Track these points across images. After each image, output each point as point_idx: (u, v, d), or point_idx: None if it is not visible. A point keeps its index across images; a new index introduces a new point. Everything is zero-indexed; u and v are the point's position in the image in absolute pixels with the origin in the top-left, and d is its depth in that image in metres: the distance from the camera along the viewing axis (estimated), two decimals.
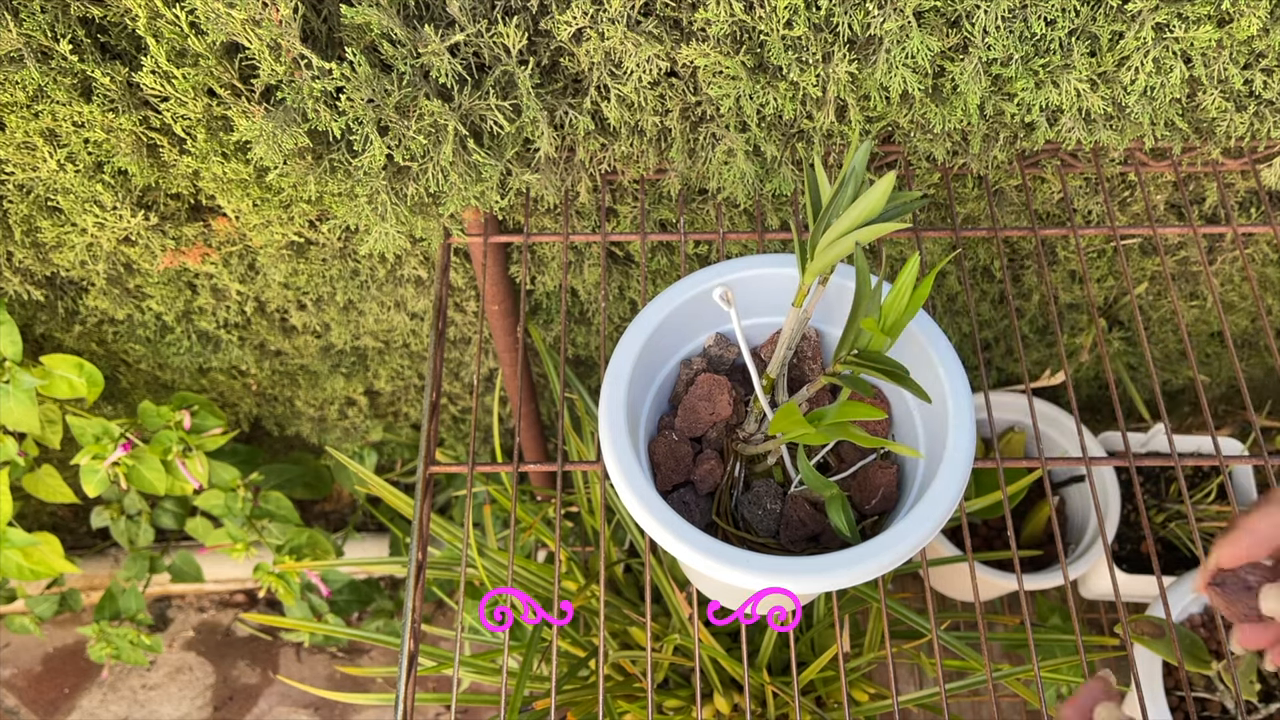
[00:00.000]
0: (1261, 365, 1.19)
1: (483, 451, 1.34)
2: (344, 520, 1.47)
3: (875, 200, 0.44)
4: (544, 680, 0.86)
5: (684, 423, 0.57)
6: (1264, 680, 0.90)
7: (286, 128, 0.61)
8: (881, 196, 0.44)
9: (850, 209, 0.46)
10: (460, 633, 0.65)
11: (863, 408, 0.46)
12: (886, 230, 0.45)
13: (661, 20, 0.60)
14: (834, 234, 0.46)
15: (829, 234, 0.47)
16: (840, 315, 0.59)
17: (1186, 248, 0.95)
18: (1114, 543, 1.13)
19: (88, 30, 0.61)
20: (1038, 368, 1.16)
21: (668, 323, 0.57)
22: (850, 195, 0.47)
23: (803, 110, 0.67)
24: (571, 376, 0.90)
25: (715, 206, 0.80)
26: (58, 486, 0.97)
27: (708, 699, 0.86)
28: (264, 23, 0.56)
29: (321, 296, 0.96)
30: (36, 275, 0.87)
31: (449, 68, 0.60)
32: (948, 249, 0.92)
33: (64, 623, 1.43)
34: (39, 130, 0.67)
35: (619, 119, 0.66)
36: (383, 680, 1.34)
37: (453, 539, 0.92)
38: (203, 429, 0.99)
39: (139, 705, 1.37)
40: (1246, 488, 1.15)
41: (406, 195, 0.68)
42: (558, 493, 0.63)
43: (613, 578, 0.95)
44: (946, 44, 0.62)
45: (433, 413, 0.67)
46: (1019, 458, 0.91)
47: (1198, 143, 0.73)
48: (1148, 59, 0.62)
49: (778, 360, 0.53)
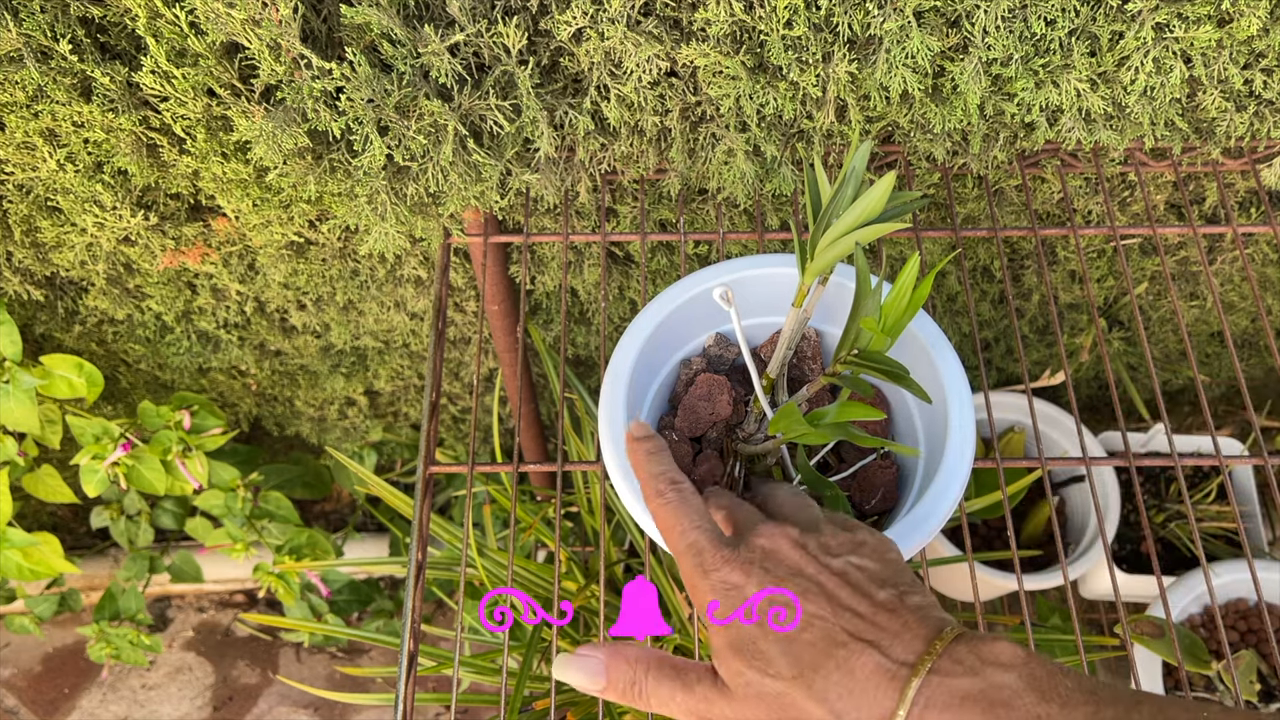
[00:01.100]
0: (1261, 365, 1.19)
1: (483, 451, 1.34)
2: (344, 520, 1.47)
3: (875, 200, 0.44)
4: (544, 680, 0.86)
5: (684, 422, 0.57)
6: (1264, 680, 0.90)
7: (286, 128, 0.61)
8: (882, 197, 0.44)
9: (850, 209, 0.46)
10: (460, 633, 0.65)
11: (862, 408, 0.46)
12: (886, 230, 0.45)
13: (661, 20, 0.60)
14: (834, 234, 0.46)
15: (829, 234, 0.47)
16: (840, 315, 0.59)
17: (1186, 248, 0.95)
18: (1114, 543, 1.13)
19: (87, 30, 0.61)
20: (1038, 368, 1.16)
21: (668, 323, 0.57)
22: (850, 195, 0.47)
23: (803, 110, 0.67)
24: (571, 376, 0.90)
25: (715, 206, 0.80)
26: (57, 486, 0.97)
27: None
28: (264, 23, 0.56)
29: (321, 296, 0.96)
30: (36, 275, 0.87)
31: (449, 68, 0.60)
32: (948, 249, 0.92)
33: (64, 623, 1.43)
34: (39, 130, 0.67)
35: (619, 119, 0.66)
36: (383, 680, 1.34)
37: (452, 539, 0.92)
38: (202, 429, 0.99)
39: (139, 705, 1.37)
40: (1246, 488, 1.15)
41: (406, 195, 0.68)
42: (558, 493, 0.63)
43: (613, 578, 0.95)
44: (946, 44, 0.62)
45: (433, 413, 0.67)
46: (1019, 458, 0.91)
47: (1198, 143, 0.73)
48: (1148, 59, 0.62)
49: (778, 361, 0.53)
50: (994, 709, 0.35)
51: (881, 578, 0.41)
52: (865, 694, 0.37)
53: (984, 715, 0.35)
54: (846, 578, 0.41)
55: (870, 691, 0.37)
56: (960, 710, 0.35)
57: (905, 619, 0.39)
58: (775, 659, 0.39)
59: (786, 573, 0.42)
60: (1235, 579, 0.98)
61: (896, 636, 0.38)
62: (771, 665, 0.39)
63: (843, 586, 0.41)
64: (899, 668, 0.37)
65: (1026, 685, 0.35)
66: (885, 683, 0.37)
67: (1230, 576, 0.98)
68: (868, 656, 0.38)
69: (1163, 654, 0.79)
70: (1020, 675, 0.36)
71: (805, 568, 0.42)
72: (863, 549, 0.43)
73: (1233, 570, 0.98)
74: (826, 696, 0.38)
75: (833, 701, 0.38)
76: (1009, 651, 0.37)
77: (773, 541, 0.43)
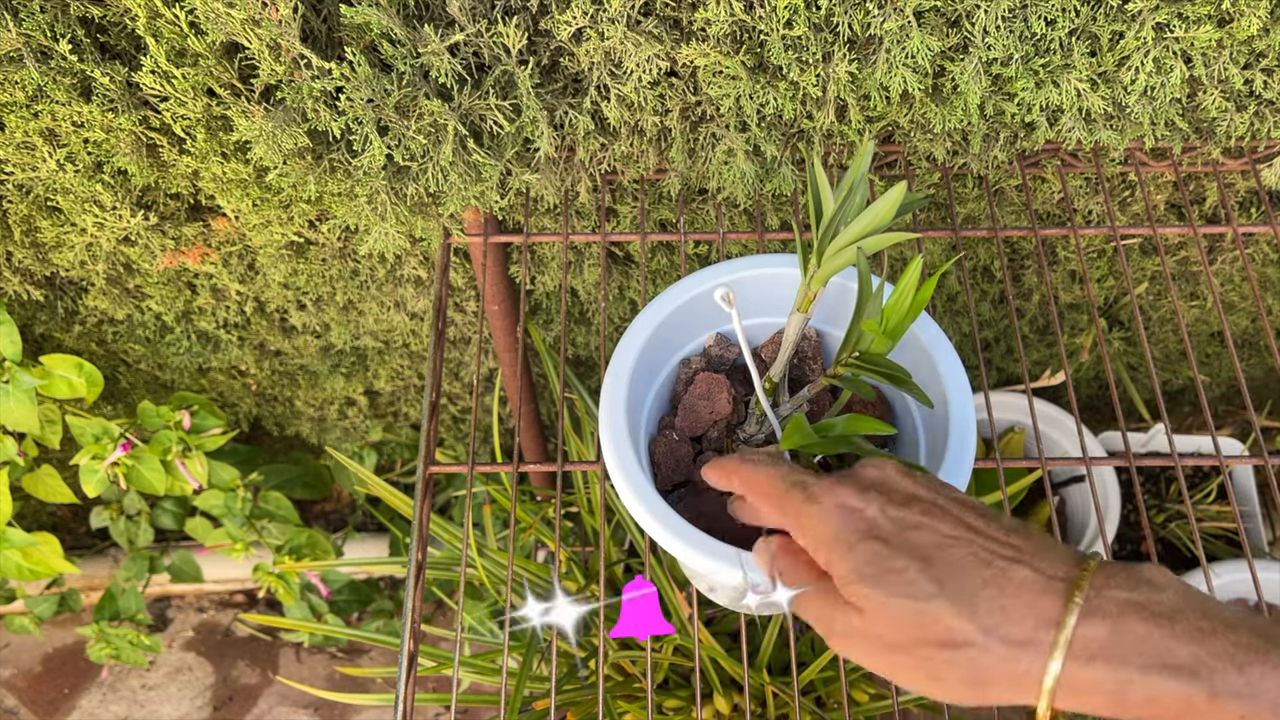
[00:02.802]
0: (1261, 365, 1.19)
1: (483, 451, 1.34)
2: (344, 520, 1.47)
3: (884, 211, 0.44)
4: (544, 680, 0.86)
5: (684, 422, 0.57)
6: None
7: (286, 128, 0.61)
8: (891, 207, 0.44)
9: (858, 219, 0.46)
10: (460, 633, 0.65)
11: (870, 422, 0.46)
12: (894, 240, 0.45)
13: (661, 20, 0.60)
14: (841, 242, 0.46)
15: (836, 242, 0.47)
16: (841, 315, 0.59)
17: (1186, 248, 0.95)
18: (1114, 543, 1.13)
19: (87, 30, 0.61)
20: (1038, 368, 1.16)
21: (668, 323, 0.57)
22: (858, 204, 0.47)
23: (803, 110, 0.67)
24: (571, 376, 0.90)
25: (715, 206, 0.80)
26: (57, 486, 0.97)
27: (708, 699, 0.86)
28: (264, 22, 0.56)
29: (321, 296, 0.96)
30: (36, 275, 0.87)
31: (449, 67, 0.60)
32: (948, 249, 0.92)
33: (64, 623, 1.43)
34: (39, 130, 0.67)
35: (619, 119, 0.66)
36: (382, 680, 1.34)
37: (452, 539, 0.92)
38: (202, 429, 0.99)
39: (139, 705, 1.37)
40: (1246, 488, 1.15)
41: (406, 195, 0.68)
42: (558, 493, 0.63)
43: (613, 578, 0.95)
44: (946, 44, 0.62)
45: (432, 413, 0.67)
46: (1019, 458, 0.91)
47: (1198, 143, 0.73)
48: (1148, 59, 0.62)
49: (780, 364, 0.53)
50: (1156, 619, 0.35)
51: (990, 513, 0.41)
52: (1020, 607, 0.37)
53: (1145, 623, 0.35)
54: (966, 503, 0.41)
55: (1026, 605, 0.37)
56: (1120, 619, 0.35)
57: (1039, 543, 0.39)
58: (915, 578, 0.38)
59: (904, 497, 0.41)
60: (1235, 579, 0.98)
61: (1043, 554, 0.38)
62: (911, 584, 0.38)
63: (967, 510, 0.40)
64: (1054, 582, 0.37)
65: (1187, 602, 0.36)
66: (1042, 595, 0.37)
67: (1230, 576, 0.98)
68: (1018, 571, 0.37)
69: None
70: (1179, 593, 0.36)
71: (921, 493, 0.41)
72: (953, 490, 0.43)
73: (1233, 570, 0.98)
74: (976, 611, 0.37)
75: (983, 616, 0.37)
76: (1162, 574, 0.37)
77: (881, 470, 0.42)
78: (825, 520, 0.41)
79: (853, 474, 0.43)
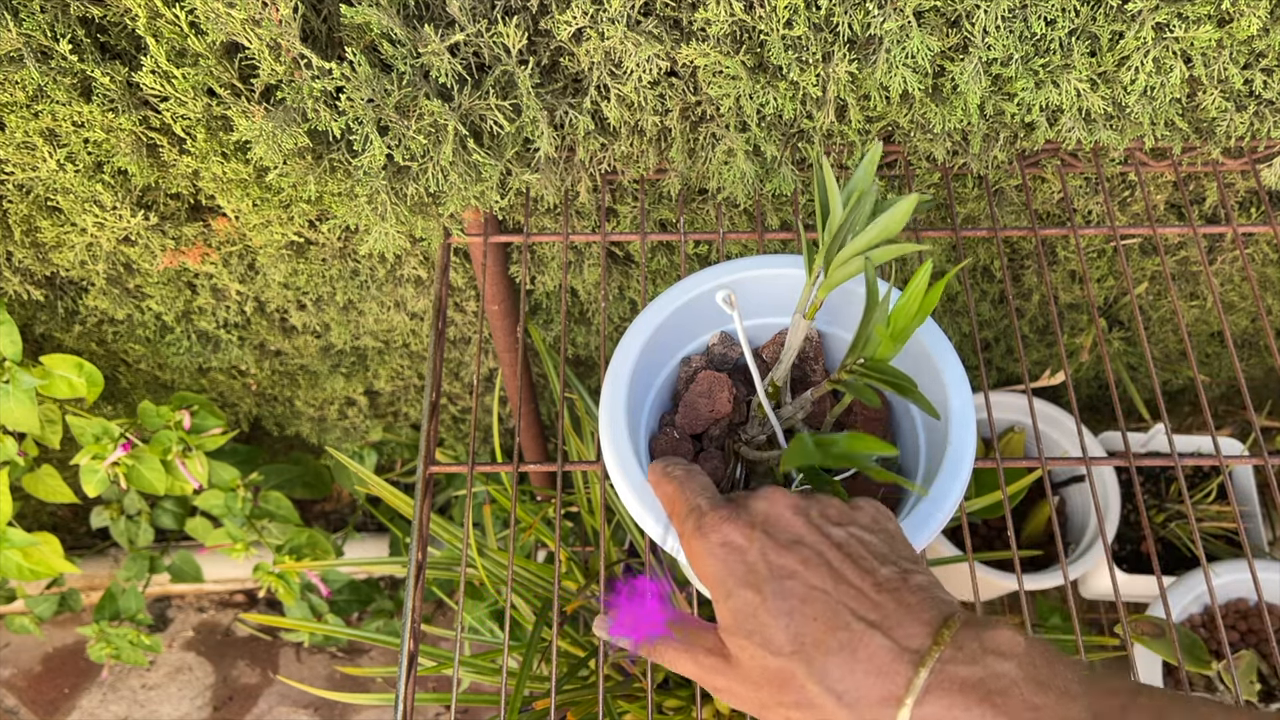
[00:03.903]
0: (1261, 365, 1.19)
1: (483, 451, 1.34)
2: (344, 520, 1.47)
3: (895, 221, 0.45)
4: (544, 680, 0.86)
5: (685, 420, 0.57)
6: (1264, 680, 0.90)
7: (286, 128, 0.61)
8: (901, 219, 0.44)
9: (867, 229, 0.46)
10: (460, 633, 0.65)
11: (872, 441, 0.46)
12: (902, 251, 0.45)
13: (661, 20, 0.60)
14: (849, 253, 0.46)
15: (844, 252, 0.47)
16: (842, 314, 0.59)
17: (1186, 248, 0.95)
18: (1114, 543, 1.13)
19: (87, 30, 0.61)
20: (1038, 368, 1.16)
21: (668, 323, 0.57)
22: (866, 212, 0.47)
23: (803, 110, 0.67)
24: (571, 376, 0.90)
25: (715, 206, 0.80)
26: (57, 486, 0.97)
27: (708, 699, 0.86)
28: (264, 22, 0.56)
29: (321, 296, 0.96)
30: (36, 275, 0.87)
31: (449, 67, 0.60)
32: (948, 249, 0.92)
33: (64, 623, 1.43)
34: (39, 130, 0.67)
35: (619, 119, 0.66)
36: (383, 680, 1.34)
37: (453, 539, 0.92)
38: (202, 429, 0.99)
39: (139, 705, 1.37)
40: (1246, 488, 1.15)
41: (406, 195, 0.68)
42: (558, 493, 0.63)
43: (613, 578, 0.95)
44: (946, 44, 0.62)
45: (433, 413, 0.67)
46: (1019, 457, 0.91)
47: (1198, 143, 0.73)
48: (1148, 59, 0.62)
49: (783, 369, 0.53)
50: (990, 698, 0.35)
51: (882, 553, 0.41)
52: (868, 676, 0.37)
53: (981, 704, 0.35)
54: (848, 550, 0.41)
55: (874, 675, 0.37)
56: (958, 696, 0.35)
57: (909, 601, 0.39)
58: (776, 633, 0.38)
59: (788, 539, 0.41)
60: (1235, 579, 0.98)
61: (901, 620, 0.38)
62: (772, 639, 0.38)
63: (845, 560, 0.40)
64: (905, 653, 0.37)
65: (1024, 675, 0.35)
66: (890, 667, 0.37)
67: (1230, 576, 0.98)
68: (872, 639, 0.37)
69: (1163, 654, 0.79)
70: (1019, 664, 0.36)
71: (806, 535, 0.41)
72: (861, 515, 0.43)
73: (1233, 570, 0.98)
74: (827, 676, 0.37)
75: (833, 682, 0.37)
76: (1010, 640, 0.37)
77: (773, 505, 0.42)
78: (710, 558, 0.42)
79: (745, 506, 0.43)
